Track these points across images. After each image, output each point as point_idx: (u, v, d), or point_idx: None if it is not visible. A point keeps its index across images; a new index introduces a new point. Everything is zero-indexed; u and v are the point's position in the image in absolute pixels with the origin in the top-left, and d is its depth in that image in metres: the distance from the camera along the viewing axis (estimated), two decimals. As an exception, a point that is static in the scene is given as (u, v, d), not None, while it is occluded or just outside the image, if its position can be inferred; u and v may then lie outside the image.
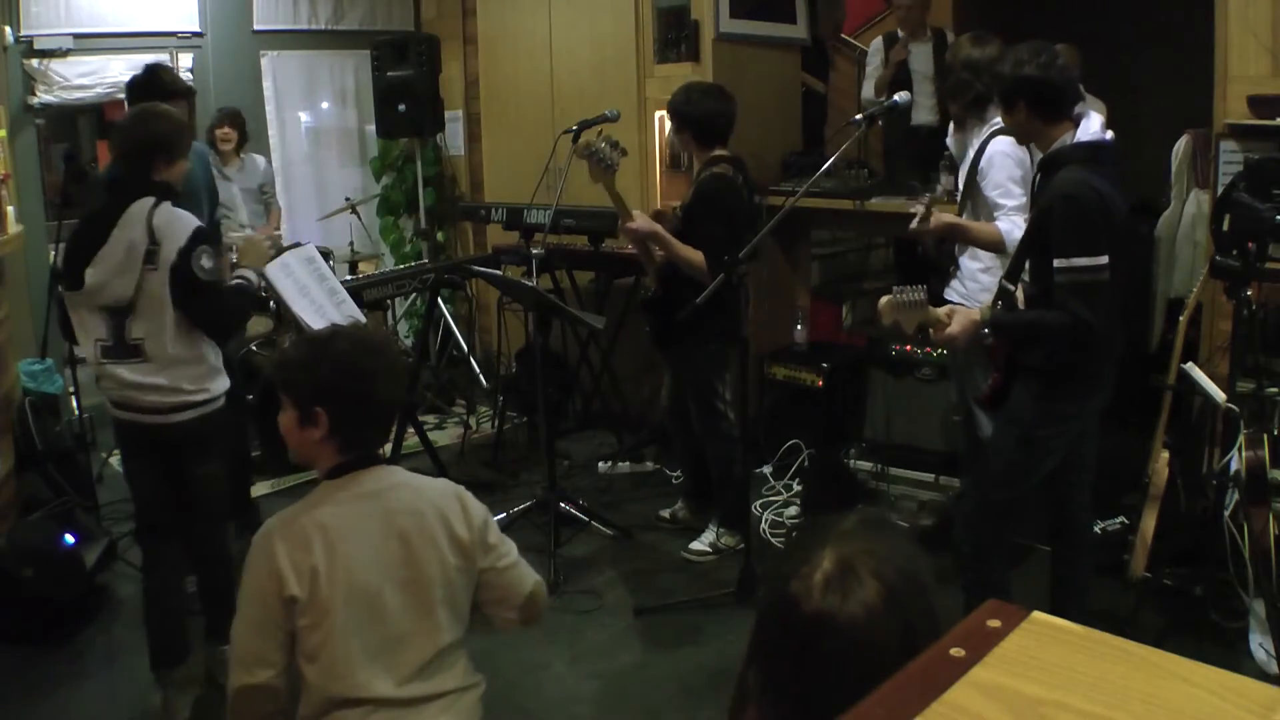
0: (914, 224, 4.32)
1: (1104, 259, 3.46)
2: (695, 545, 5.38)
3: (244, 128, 7.40)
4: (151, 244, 3.86)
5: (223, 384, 4.20)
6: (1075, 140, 3.62)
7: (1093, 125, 3.64)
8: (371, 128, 8.14)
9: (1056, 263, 3.49)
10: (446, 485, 2.85)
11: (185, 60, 7.66)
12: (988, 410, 4.21)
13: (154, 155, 3.98)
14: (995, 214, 4.52)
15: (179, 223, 3.92)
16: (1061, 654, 1.01)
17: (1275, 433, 4.63)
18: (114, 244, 3.87)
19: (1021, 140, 3.90)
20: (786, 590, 1.49)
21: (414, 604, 2.64)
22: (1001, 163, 4.53)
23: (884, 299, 3.72)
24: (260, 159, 7.64)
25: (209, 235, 4.09)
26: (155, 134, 4.01)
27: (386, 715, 2.61)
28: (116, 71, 7.44)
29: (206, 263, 3.92)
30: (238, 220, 7.20)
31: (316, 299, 5.05)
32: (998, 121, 4.54)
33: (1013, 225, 4.37)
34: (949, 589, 4.53)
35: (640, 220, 5.09)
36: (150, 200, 3.90)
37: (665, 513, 5.82)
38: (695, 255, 4.97)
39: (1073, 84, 3.66)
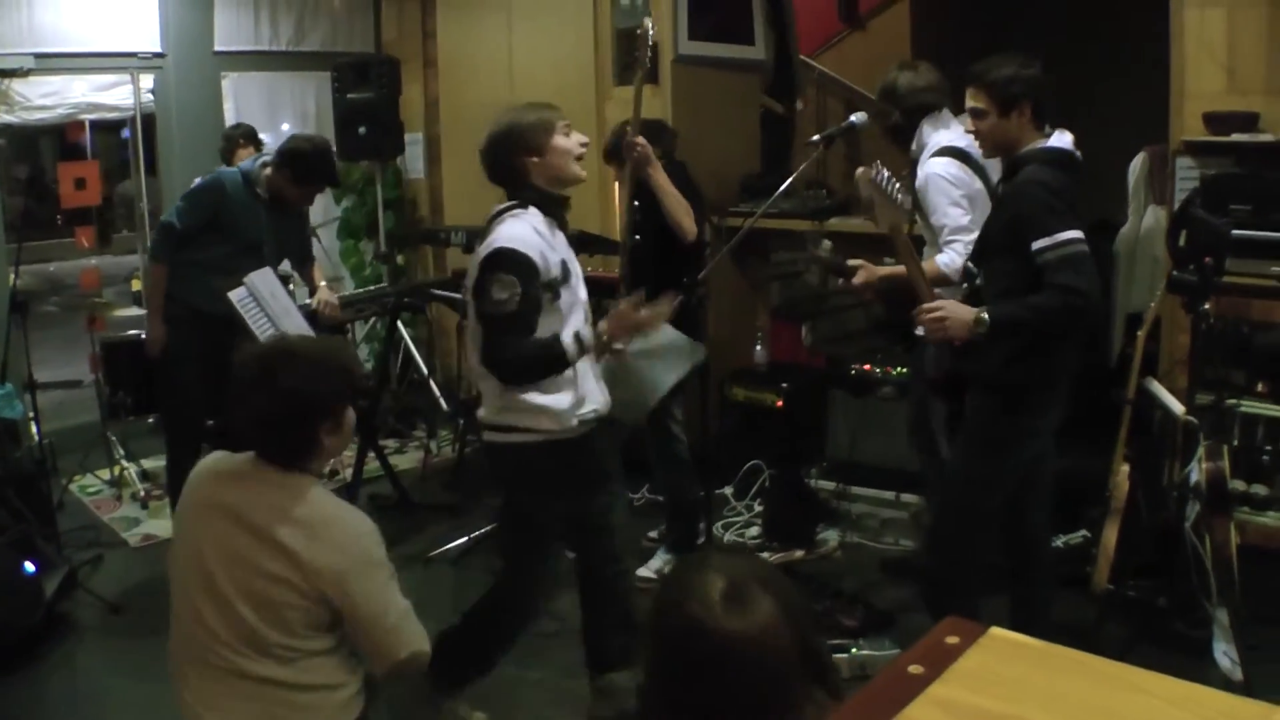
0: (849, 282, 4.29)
1: (1080, 233, 3.50)
2: (643, 571, 5.29)
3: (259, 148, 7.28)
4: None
5: (547, 423, 3.65)
6: (1039, 144, 3.69)
7: (1066, 138, 3.70)
8: (333, 150, 8.10)
9: (1039, 243, 3.50)
10: (326, 508, 2.86)
11: (146, 81, 7.60)
12: (937, 395, 4.22)
13: (514, 152, 3.64)
14: (939, 241, 4.48)
15: (495, 234, 3.58)
16: (1020, 669, 1.01)
17: (1235, 444, 4.68)
18: (479, 248, 3.65)
19: (997, 150, 3.88)
20: (686, 612, 1.55)
21: (218, 592, 2.75)
22: (936, 185, 4.47)
23: (862, 169, 3.70)
24: None
25: (514, 260, 3.52)
26: (516, 126, 3.66)
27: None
28: (79, 92, 7.41)
29: (497, 294, 3.48)
30: None
31: (276, 323, 5.07)
32: (937, 142, 4.59)
33: (953, 255, 4.34)
34: (917, 616, 4.56)
35: (647, 147, 4.90)
36: (508, 204, 3.65)
37: (653, 533, 5.77)
38: (683, 202, 4.95)
39: (1047, 87, 3.74)
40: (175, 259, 5.32)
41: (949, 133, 4.60)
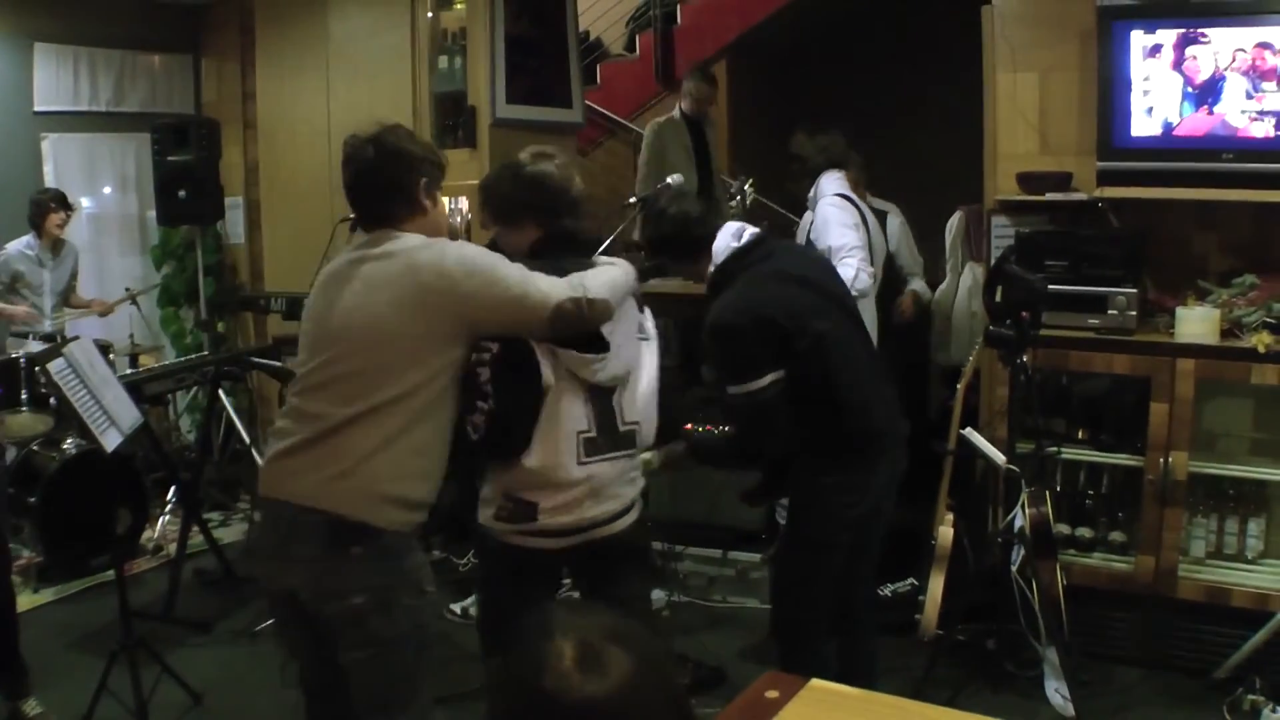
0: None
1: (762, 380, 3.50)
2: (455, 605, 5.59)
3: (70, 211, 7.16)
4: (639, 309, 3.34)
5: None
6: (714, 263, 3.72)
7: (721, 240, 3.73)
8: (153, 214, 7.89)
9: (728, 389, 3.59)
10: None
11: (-37, 141, 7.36)
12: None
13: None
14: (836, 259, 4.80)
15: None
16: (842, 719, 0.99)
17: (1058, 489, 4.80)
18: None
19: (697, 279, 3.94)
20: (539, 687, 1.43)
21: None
22: (833, 216, 5.01)
23: None
24: (74, 245, 7.35)
25: None
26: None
27: None
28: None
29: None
30: (43, 311, 7.01)
31: (96, 395, 4.86)
32: (828, 190, 5.10)
33: (848, 268, 4.75)
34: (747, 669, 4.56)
35: None
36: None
37: (455, 607, 5.67)
38: None
39: (688, 222, 3.78)
40: None
41: (839, 183, 5.17)
